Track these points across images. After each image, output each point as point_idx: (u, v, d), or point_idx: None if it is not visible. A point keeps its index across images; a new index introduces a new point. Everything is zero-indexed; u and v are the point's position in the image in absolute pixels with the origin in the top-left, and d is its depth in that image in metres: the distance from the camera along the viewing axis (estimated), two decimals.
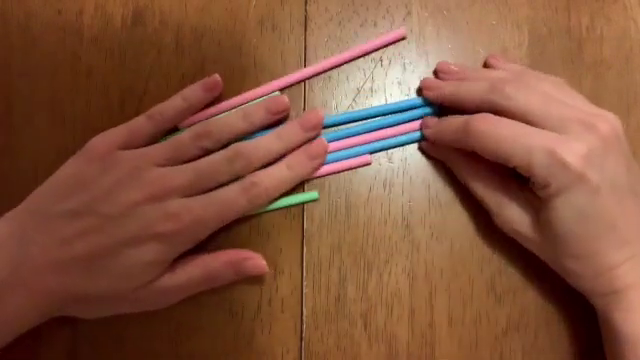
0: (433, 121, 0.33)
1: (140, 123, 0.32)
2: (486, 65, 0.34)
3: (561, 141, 0.27)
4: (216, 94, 0.33)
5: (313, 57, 0.34)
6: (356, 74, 0.35)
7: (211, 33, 0.34)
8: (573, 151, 0.27)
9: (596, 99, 0.32)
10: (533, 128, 0.28)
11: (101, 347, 0.32)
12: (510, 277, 0.33)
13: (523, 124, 0.29)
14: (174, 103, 0.32)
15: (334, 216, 0.34)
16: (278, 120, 0.33)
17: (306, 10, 0.35)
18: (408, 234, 0.34)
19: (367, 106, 0.34)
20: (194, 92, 0.33)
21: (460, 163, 0.33)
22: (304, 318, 0.33)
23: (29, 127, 0.34)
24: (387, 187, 0.34)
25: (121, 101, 0.34)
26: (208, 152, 0.31)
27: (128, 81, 0.34)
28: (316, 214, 0.34)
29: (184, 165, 0.30)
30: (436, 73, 0.34)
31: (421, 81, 0.34)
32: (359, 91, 0.34)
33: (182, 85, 0.34)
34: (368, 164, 0.34)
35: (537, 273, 0.33)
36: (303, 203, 0.33)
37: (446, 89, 0.32)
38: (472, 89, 0.31)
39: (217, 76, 0.33)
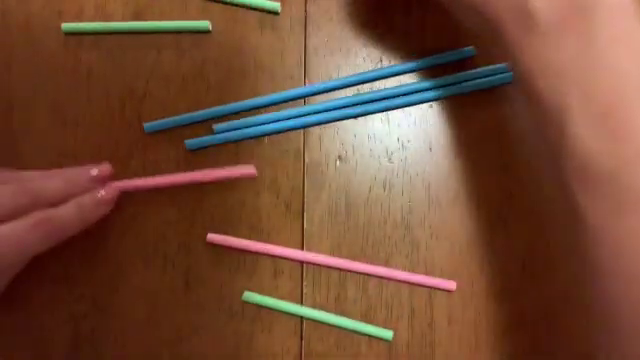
0: None
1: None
2: None
3: None
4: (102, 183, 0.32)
5: (313, 57, 0.34)
6: None
7: (211, 33, 0.34)
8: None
9: None
10: None
11: (101, 347, 0.33)
12: (510, 277, 0.33)
13: None
14: (56, 184, 0.31)
15: (334, 216, 0.34)
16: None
17: (306, 10, 0.35)
18: (408, 234, 0.34)
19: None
20: (78, 176, 0.32)
21: None
22: (304, 318, 0.33)
23: (29, 128, 0.34)
24: (387, 187, 0.34)
25: (122, 102, 0.34)
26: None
27: (129, 82, 0.34)
28: (316, 214, 0.34)
29: None
30: None
31: None
32: (359, 91, 0.34)
33: (182, 85, 0.34)
34: (252, 175, 0.33)
35: (537, 273, 0.33)
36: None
37: None
38: None
39: (109, 167, 0.32)
